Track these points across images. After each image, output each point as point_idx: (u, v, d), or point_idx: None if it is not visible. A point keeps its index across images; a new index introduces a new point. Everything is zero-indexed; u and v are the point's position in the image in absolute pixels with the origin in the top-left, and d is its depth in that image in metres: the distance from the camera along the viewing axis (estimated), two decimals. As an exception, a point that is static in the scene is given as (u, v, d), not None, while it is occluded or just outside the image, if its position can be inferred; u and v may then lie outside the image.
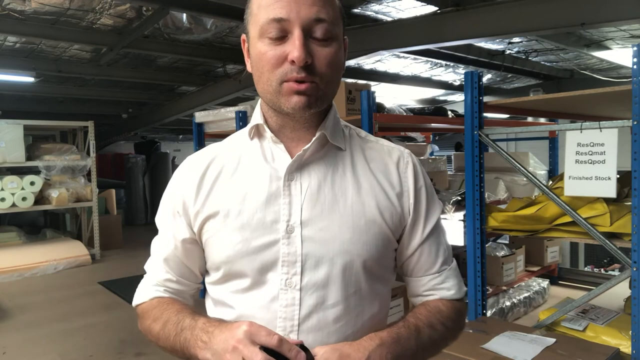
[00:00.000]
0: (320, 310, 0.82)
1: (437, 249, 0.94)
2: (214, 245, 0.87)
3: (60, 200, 5.79)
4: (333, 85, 0.84)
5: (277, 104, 0.82)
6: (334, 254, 0.83)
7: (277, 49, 0.78)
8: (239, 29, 4.69)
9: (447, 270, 0.95)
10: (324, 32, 0.79)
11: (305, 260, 0.82)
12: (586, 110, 3.28)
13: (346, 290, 0.84)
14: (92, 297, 4.56)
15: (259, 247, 0.83)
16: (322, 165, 0.87)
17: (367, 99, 2.87)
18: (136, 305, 0.95)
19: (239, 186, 0.87)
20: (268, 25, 0.78)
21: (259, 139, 0.90)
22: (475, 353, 1.98)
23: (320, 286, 0.82)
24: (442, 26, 3.94)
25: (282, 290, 0.82)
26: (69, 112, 8.08)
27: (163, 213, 0.95)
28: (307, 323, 0.82)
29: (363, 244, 0.84)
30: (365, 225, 0.85)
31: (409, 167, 0.92)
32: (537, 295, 3.59)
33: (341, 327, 0.83)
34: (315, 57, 0.79)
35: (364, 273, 0.85)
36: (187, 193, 0.89)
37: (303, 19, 0.77)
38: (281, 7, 0.77)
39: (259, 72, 0.82)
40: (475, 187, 2.66)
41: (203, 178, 0.89)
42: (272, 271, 0.83)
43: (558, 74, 7.00)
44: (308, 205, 0.84)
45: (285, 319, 0.82)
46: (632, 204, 2.08)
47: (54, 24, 4.29)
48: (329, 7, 0.80)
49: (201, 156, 0.94)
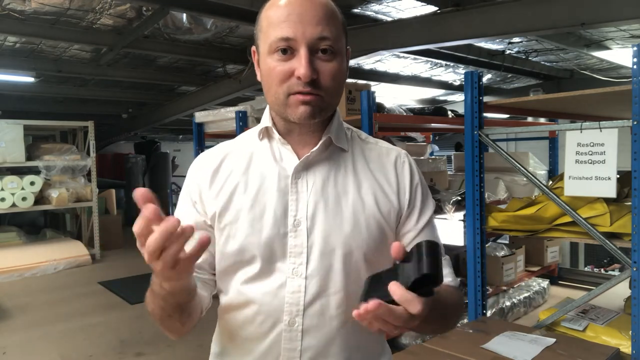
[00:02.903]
0: (323, 296, 0.90)
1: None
2: (227, 235, 0.92)
3: (60, 200, 5.79)
4: (336, 96, 0.92)
5: (284, 114, 0.90)
6: (336, 246, 0.90)
7: (284, 65, 0.86)
8: (239, 29, 4.69)
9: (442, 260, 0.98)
10: (328, 49, 0.86)
11: (310, 251, 0.90)
12: (586, 110, 3.28)
13: (347, 278, 0.91)
14: (92, 297, 4.57)
15: (270, 239, 0.90)
16: (327, 165, 0.95)
17: (367, 99, 2.87)
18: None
19: (252, 182, 0.94)
20: (277, 43, 0.86)
21: (268, 140, 0.97)
22: (475, 353, 1.98)
23: (323, 275, 0.90)
24: (442, 26, 3.94)
25: (290, 278, 0.90)
26: (69, 112, 8.08)
27: (182, 205, 0.99)
28: (311, 308, 0.90)
29: (362, 237, 0.92)
30: (364, 221, 0.92)
31: (405, 166, 1.00)
32: (537, 295, 3.60)
33: (342, 312, 0.91)
34: (320, 73, 0.86)
35: (364, 264, 0.92)
36: (203, 184, 0.96)
37: (308, 38, 0.85)
38: (288, 27, 0.85)
39: (268, 85, 0.90)
40: (475, 187, 2.65)
41: (217, 173, 0.96)
42: (280, 261, 0.91)
43: (558, 74, 7.00)
44: (313, 201, 0.92)
45: (291, 304, 0.89)
46: (632, 204, 2.08)
47: (54, 24, 4.29)
48: (332, 25, 0.87)
49: (214, 153, 1.00)
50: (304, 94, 0.86)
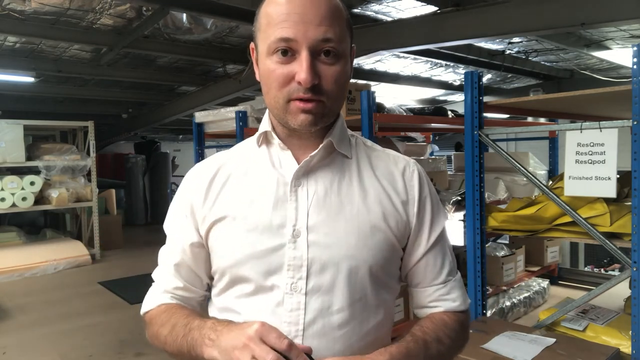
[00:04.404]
0: (326, 315, 0.82)
1: (443, 259, 0.94)
2: (221, 248, 0.88)
3: (60, 200, 5.79)
4: (339, 100, 0.86)
5: (284, 120, 0.84)
6: (340, 259, 0.83)
7: (284, 68, 0.80)
8: (239, 29, 4.69)
9: (452, 281, 0.95)
10: (331, 51, 0.80)
11: (310, 264, 0.83)
12: (586, 110, 3.28)
13: (352, 296, 0.84)
14: (92, 297, 4.57)
15: (266, 251, 0.83)
16: (329, 172, 0.88)
17: (367, 99, 2.86)
18: (144, 313, 0.95)
19: (247, 191, 0.88)
20: (276, 44, 0.79)
21: (267, 146, 0.92)
22: (475, 353, 1.98)
23: (326, 291, 0.83)
24: (442, 26, 3.94)
25: (288, 295, 0.82)
26: (69, 112, 8.08)
27: (172, 219, 0.95)
28: (312, 328, 0.82)
29: (368, 250, 0.84)
30: (370, 232, 0.85)
31: (415, 175, 0.93)
32: (537, 295, 3.59)
33: (346, 333, 0.83)
34: (322, 77, 0.80)
35: (370, 279, 0.85)
36: (195, 198, 0.91)
37: (310, 39, 0.78)
38: (289, 27, 0.78)
39: (267, 88, 0.84)
40: (475, 187, 2.65)
41: (211, 183, 0.91)
42: (277, 275, 0.83)
43: (558, 74, 7.00)
44: (314, 210, 0.85)
45: (290, 323, 0.82)
46: (632, 204, 2.08)
47: (54, 24, 4.29)
48: (336, 25, 0.81)
49: (209, 163, 0.95)
50: (305, 101, 0.80)
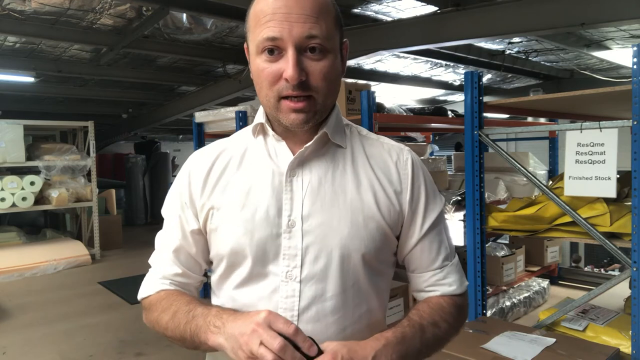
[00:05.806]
0: (319, 301, 0.85)
1: (439, 245, 0.96)
2: (219, 236, 0.90)
3: (60, 200, 5.79)
4: (330, 95, 0.87)
5: (276, 118, 0.87)
6: (333, 247, 0.86)
7: (273, 66, 0.82)
8: (239, 29, 4.69)
9: (449, 266, 0.97)
10: (317, 48, 0.81)
11: (305, 253, 0.85)
12: (586, 110, 3.28)
13: (344, 283, 0.86)
14: (92, 297, 4.56)
15: (262, 240, 0.86)
16: (323, 163, 0.90)
17: (367, 99, 2.87)
18: (142, 298, 0.96)
19: (244, 180, 0.90)
20: (263, 43, 0.81)
21: (263, 136, 0.93)
22: (475, 353, 1.98)
23: (319, 279, 0.85)
24: (442, 26, 3.94)
25: (283, 282, 0.85)
26: (69, 112, 8.09)
27: (170, 205, 0.97)
28: (307, 314, 0.85)
29: (361, 239, 0.87)
30: (363, 221, 0.87)
31: (408, 164, 0.94)
32: (537, 295, 3.59)
33: (339, 318, 0.86)
34: (310, 73, 0.82)
35: (363, 267, 0.88)
36: (195, 185, 0.93)
37: (295, 37, 0.80)
38: (274, 26, 0.80)
39: (259, 86, 0.86)
40: (475, 187, 2.66)
41: (210, 171, 0.93)
42: (273, 263, 0.86)
43: (558, 74, 7.00)
44: (309, 200, 0.87)
45: (285, 309, 0.85)
46: (632, 204, 2.08)
47: (53, 24, 4.29)
48: (322, 21, 0.82)
49: (209, 150, 0.97)
50: (295, 100, 0.82)
